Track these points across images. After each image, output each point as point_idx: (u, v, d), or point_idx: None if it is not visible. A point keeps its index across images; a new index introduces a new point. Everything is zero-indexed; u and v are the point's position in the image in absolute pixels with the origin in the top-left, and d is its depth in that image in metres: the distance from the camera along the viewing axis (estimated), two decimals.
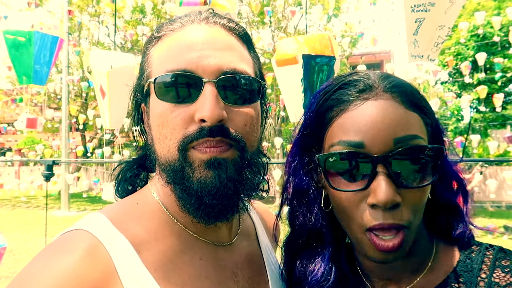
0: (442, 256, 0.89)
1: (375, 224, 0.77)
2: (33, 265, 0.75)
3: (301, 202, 0.95)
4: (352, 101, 0.81)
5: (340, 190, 0.81)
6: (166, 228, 0.89)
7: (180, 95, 0.83)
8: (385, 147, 0.76)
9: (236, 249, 0.99)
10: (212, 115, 0.79)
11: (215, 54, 0.84)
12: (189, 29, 0.88)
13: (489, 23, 15.06)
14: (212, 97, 0.80)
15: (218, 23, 0.90)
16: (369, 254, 0.81)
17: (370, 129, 0.77)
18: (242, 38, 0.93)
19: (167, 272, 0.82)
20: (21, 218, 14.01)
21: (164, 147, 0.85)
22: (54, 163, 4.04)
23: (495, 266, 0.82)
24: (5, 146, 27.17)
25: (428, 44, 2.54)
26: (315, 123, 0.88)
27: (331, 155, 0.82)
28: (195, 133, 0.81)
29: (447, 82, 19.91)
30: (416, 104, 0.81)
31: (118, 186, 1.01)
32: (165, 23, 0.92)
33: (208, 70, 0.82)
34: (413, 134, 0.78)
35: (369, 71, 0.89)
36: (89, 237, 0.79)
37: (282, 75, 3.62)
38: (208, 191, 0.82)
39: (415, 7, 2.51)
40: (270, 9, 15.03)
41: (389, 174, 0.76)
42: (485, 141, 16.84)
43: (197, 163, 0.82)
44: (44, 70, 5.02)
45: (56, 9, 19.60)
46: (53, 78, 18.22)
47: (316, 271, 0.92)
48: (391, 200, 0.75)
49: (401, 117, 0.78)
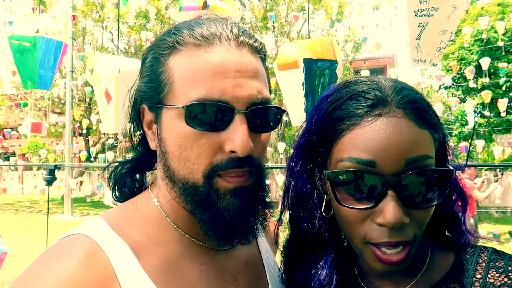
0: (437, 259, 0.90)
1: (381, 241, 0.77)
2: (32, 270, 0.75)
3: (303, 207, 0.95)
4: (363, 116, 0.79)
5: (348, 207, 0.80)
6: (166, 233, 0.89)
7: (210, 123, 0.81)
8: (396, 167, 0.75)
9: (236, 254, 0.99)
10: (244, 148, 0.79)
11: (247, 84, 0.83)
12: (219, 50, 0.83)
13: (493, 28, 15.03)
14: (244, 129, 0.80)
15: (245, 43, 0.87)
16: (371, 264, 0.81)
17: (382, 149, 0.75)
18: (263, 58, 0.92)
19: (167, 277, 0.82)
20: (24, 223, 14.04)
21: (185, 168, 0.84)
22: (56, 168, 4.04)
23: (490, 267, 0.83)
24: (9, 151, 27.31)
25: (430, 49, 2.54)
26: (322, 132, 0.87)
27: (341, 172, 0.80)
28: (224, 163, 0.81)
29: (451, 87, 19.86)
30: (428, 121, 0.80)
31: (115, 189, 1.01)
32: (186, 31, 0.86)
33: (241, 101, 0.81)
34: (425, 154, 0.77)
35: (379, 77, 0.87)
36: (88, 242, 0.79)
37: (284, 79, 3.62)
38: (232, 216, 0.84)
39: (419, 11, 2.51)
40: (273, 14, 15.09)
41: (398, 195, 0.75)
42: (489, 146, 16.75)
43: (222, 191, 0.83)
44: (49, 75, 5.05)
45: (60, 14, 19.77)
46: (57, 83, 18.30)
47: (319, 275, 0.92)
48: (400, 222, 0.74)
49: (413, 136, 0.76)
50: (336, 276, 0.92)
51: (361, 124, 0.79)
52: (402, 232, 0.76)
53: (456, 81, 19.31)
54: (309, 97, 3.38)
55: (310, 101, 3.40)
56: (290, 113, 3.72)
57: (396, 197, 0.75)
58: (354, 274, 0.96)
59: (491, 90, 14.52)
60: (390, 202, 0.75)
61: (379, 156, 0.75)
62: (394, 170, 0.75)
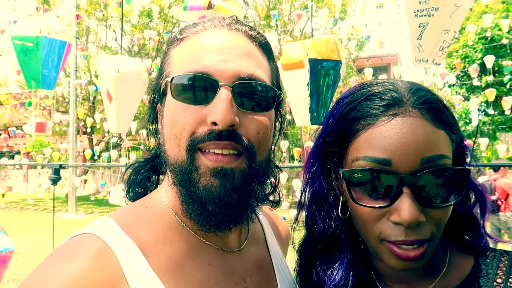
0: (456, 262, 0.89)
1: (397, 240, 0.77)
2: (42, 269, 0.75)
3: (320, 207, 0.95)
4: (379, 116, 0.80)
5: (363, 205, 0.80)
6: (175, 233, 0.89)
7: (195, 96, 0.83)
8: (412, 166, 0.75)
9: (245, 255, 0.99)
10: (224, 119, 0.79)
11: (234, 59, 0.85)
12: (211, 33, 0.89)
13: (497, 26, 14.93)
14: (226, 101, 0.81)
15: (240, 30, 0.91)
16: (388, 261, 0.81)
17: (398, 147, 0.76)
18: (263, 47, 0.94)
19: (175, 277, 0.82)
20: (29, 221, 14.11)
21: (174, 146, 0.85)
22: (61, 167, 4.06)
23: (511, 271, 0.81)
24: (13, 149, 27.44)
25: (432, 48, 2.53)
26: (338, 132, 0.87)
27: (357, 171, 0.81)
28: (204, 135, 0.81)
29: (455, 85, 19.77)
30: (445, 121, 0.80)
31: (129, 189, 1.02)
32: (189, 26, 0.94)
33: (225, 75, 0.83)
34: (440, 154, 0.77)
35: (395, 80, 0.88)
36: (97, 242, 0.79)
37: (288, 79, 3.63)
38: (212, 199, 0.82)
39: (418, 12, 2.51)
40: (276, 12, 15.04)
41: (414, 194, 0.75)
42: (493, 145, 16.66)
43: (203, 169, 0.82)
44: (52, 75, 5.07)
45: (64, 13, 19.80)
46: (61, 82, 18.37)
47: (335, 276, 0.92)
48: (415, 220, 0.74)
49: (429, 136, 0.77)
50: (352, 277, 0.91)
51: (376, 123, 0.79)
52: (419, 231, 0.76)
53: (460, 79, 19.21)
54: (313, 97, 3.39)
55: (314, 101, 3.41)
56: (294, 112, 3.73)
57: (411, 196, 0.75)
58: (371, 276, 0.95)
59: (495, 88, 14.42)
60: (405, 200, 0.75)
61: (395, 155, 0.76)
62: (409, 169, 0.75)
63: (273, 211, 1.25)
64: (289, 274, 1.08)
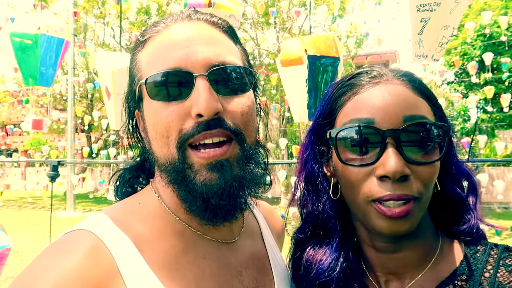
0: (447, 251, 0.90)
1: (384, 195, 0.78)
2: (36, 265, 0.75)
3: (311, 189, 0.98)
4: (363, 85, 0.86)
5: (350, 164, 0.84)
6: (168, 227, 0.89)
7: (173, 92, 0.83)
8: (395, 123, 0.80)
9: (240, 247, 0.99)
10: (207, 108, 0.79)
11: (202, 49, 0.85)
12: (174, 28, 0.89)
13: (496, 23, 14.95)
14: (206, 90, 0.81)
15: (201, 19, 0.91)
16: (376, 224, 0.82)
17: (380, 107, 0.81)
18: (227, 32, 0.94)
19: (171, 271, 0.82)
20: (27, 219, 14.10)
21: (162, 146, 0.85)
22: (59, 164, 4.06)
23: (499, 265, 0.82)
24: (11, 147, 27.39)
25: (432, 44, 2.52)
26: (328, 110, 0.92)
27: (344, 129, 0.85)
28: (193, 129, 0.81)
29: (454, 82, 19.78)
30: (425, 93, 0.86)
31: (117, 188, 1.01)
32: (149, 27, 0.93)
33: (197, 65, 0.83)
34: (422, 115, 0.82)
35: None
36: (91, 237, 0.79)
37: (287, 75, 3.63)
38: (214, 192, 0.82)
39: (421, 6, 2.50)
40: (275, 9, 15.01)
41: (398, 147, 0.79)
42: (492, 142, 16.70)
43: (196, 166, 0.82)
44: (50, 72, 5.05)
45: (62, 11, 19.74)
46: (59, 80, 18.33)
47: (324, 261, 0.93)
48: (400, 171, 0.77)
49: (411, 100, 0.83)
50: (340, 264, 0.92)
51: (361, 91, 0.86)
52: (404, 186, 0.78)
53: (459, 76, 19.23)
54: (312, 93, 3.39)
55: (312, 97, 3.41)
56: (292, 109, 3.73)
57: (395, 149, 0.78)
58: (360, 265, 0.96)
59: (494, 85, 14.45)
60: (389, 153, 0.78)
61: (378, 113, 0.81)
62: (392, 125, 0.79)
63: (268, 206, 1.25)
64: (285, 267, 1.08)
